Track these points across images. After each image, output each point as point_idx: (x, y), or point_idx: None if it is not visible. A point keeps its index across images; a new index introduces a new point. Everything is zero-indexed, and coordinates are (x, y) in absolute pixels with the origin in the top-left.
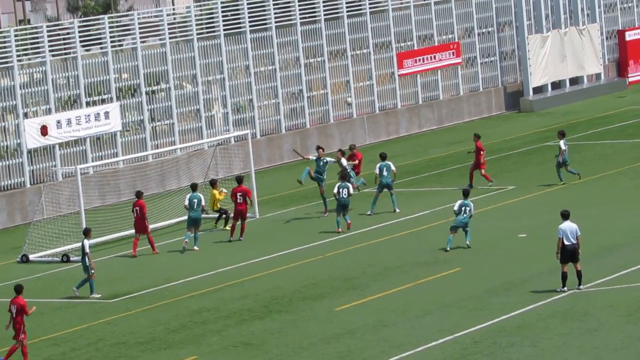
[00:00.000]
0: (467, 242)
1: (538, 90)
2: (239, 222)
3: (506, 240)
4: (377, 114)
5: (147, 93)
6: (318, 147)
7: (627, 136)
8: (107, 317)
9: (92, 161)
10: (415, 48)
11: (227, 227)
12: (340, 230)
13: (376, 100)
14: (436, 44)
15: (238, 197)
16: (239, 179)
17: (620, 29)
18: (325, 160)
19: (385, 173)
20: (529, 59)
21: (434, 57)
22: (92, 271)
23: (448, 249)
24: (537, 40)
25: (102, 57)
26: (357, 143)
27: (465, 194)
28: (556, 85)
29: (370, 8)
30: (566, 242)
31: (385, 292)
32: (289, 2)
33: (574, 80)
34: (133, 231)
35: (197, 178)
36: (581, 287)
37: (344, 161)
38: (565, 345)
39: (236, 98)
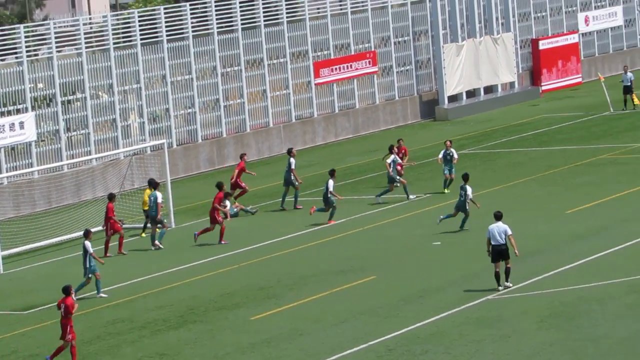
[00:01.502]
0: (460, 227)
1: (453, 98)
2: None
3: (421, 249)
4: (294, 122)
5: (62, 103)
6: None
7: (541, 144)
8: (20, 329)
9: (7, 172)
10: (332, 57)
11: (143, 235)
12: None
13: (293, 109)
14: (352, 53)
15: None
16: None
17: (534, 37)
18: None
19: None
20: (444, 67)
21: (350, 66)
22: (97, 271)
23: (438, 222)
24: (452, 49)
25: (17, 67)
26: (273, 152)
27: (465, 179)
28: (471, 93)
29: (287, 17)
30: (493, 242)
31: (301, 301)
32: (206, 12)
33: (489, 89)
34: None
35: (113, 188)
36: (508, 282)
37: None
38: (479, 352)
39: (152, 107)
